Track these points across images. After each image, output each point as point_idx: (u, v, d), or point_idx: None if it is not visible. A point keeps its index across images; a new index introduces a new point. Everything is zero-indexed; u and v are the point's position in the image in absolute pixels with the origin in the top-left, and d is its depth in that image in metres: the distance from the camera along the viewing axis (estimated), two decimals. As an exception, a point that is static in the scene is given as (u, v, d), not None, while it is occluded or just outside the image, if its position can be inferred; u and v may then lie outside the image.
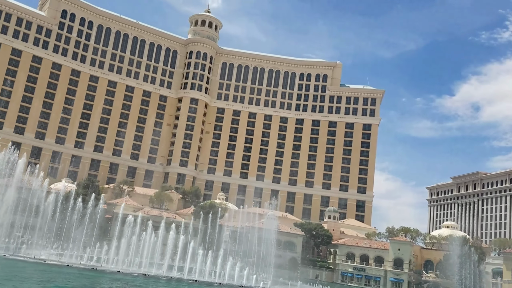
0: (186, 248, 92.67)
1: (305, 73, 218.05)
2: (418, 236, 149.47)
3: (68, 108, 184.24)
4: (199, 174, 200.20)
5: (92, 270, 68.74)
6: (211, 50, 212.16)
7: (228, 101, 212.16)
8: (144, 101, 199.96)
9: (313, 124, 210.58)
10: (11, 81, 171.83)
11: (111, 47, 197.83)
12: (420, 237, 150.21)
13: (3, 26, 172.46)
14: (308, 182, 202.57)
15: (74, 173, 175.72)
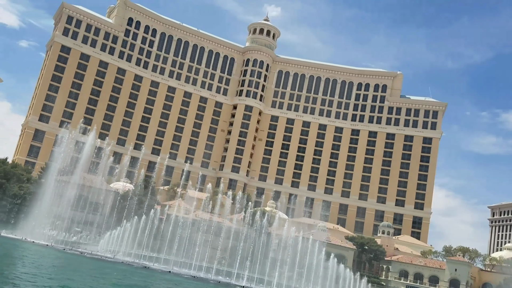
0: (234, 254, 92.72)
1: (363, 83, 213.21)
2: (477, 257, 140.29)
3: (130, 111, 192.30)
4: (250, 181, 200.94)
5: (144, 268, 70.34)
6: (267, 58, 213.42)
7: (282, 109, 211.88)
8: (200, 107, 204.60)
9: (369, 136, 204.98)
10: (78, 84, 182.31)
11: (172, 54, 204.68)
12: (479, 258, 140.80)
13: (73, 32, 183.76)
14: (362, 195, 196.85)
15: (131, 174, 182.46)
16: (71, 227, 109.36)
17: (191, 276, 71.73)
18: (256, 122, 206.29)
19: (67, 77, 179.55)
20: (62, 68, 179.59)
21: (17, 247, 65.05)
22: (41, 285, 38.06)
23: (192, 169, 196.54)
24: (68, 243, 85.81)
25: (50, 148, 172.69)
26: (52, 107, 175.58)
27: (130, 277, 56.24)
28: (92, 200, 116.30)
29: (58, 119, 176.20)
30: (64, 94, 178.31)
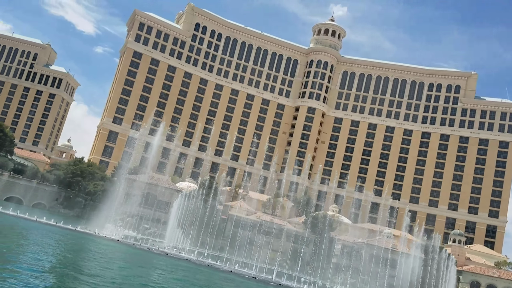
0: (296, 257, 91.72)
1: (434, 83, 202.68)
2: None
3: (195, 113, 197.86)
4: (312, 184, 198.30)
5: (207, 266, 71.57)
6: (332, 59, 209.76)
7: (347, 111, 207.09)
8: (263, 109, 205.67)
9: (441, 139, 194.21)
10: (148, 87, 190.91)
11: (236, 57, 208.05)
12: None
13: (145, 38, 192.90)
14: (432, 201, 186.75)
15: (195, 174, 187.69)
16: (140, 223, 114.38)
17: (252, 277, 71.92)
18: (319, 124, 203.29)
19: (138, 81, 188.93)
20: (134, 72, 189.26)
21: (90, 242, 68.99)
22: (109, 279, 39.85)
23: (253, 170, 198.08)
24: (137, 239, 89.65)
25: (122, 148, 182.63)
26: (125, 110, 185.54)
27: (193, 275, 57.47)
28: (160, 198, 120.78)
29: (130, 121, 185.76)
30: (136, 98, 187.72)
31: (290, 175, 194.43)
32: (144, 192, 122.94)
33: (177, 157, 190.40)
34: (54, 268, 41.12)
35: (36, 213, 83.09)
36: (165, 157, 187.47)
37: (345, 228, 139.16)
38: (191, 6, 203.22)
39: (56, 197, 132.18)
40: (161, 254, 74.39)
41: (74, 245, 61.99)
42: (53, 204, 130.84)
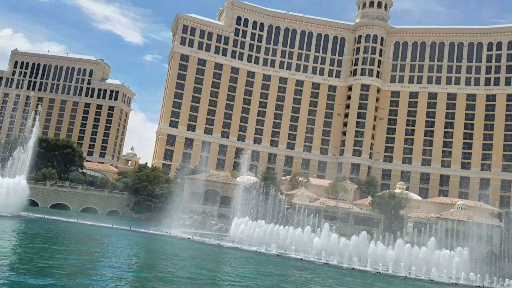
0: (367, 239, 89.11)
1: (494, 42, 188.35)
2: None
3: (246, 107, 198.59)
4: (375, 163, 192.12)
5: (276, 256, 71.54)
6: (381, 31, 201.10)
7: (403, 83, 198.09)
8: (314, 93, 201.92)
9: (508, 99, 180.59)
10: (198, 88, 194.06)
11: (280, 45, 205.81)
12: None
13: (189, 40, 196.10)
14: (506, 166, 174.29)
15: (253, 167, 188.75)
16: (206, 220, 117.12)
17: (324, 263, 70.88)
18: (375, 100, 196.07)
19: (188, 83, 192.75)
20: (183, 75, 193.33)
21: (163, 242, 71.34)
22: (186, 275, 40.72)
23: (311, 157, 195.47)
24: (205, 235, 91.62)
25: (181, 150, 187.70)
26: (179, 113, 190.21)
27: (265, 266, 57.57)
28: (222, 194, 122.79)
29: (185, 123, 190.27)
30: (188, 99, 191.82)
31: (350, 157, 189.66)
32: (206, 189, 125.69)
33: (234, 152, 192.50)
34: (142, 268, 42.78)
35: (111, 220, 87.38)
36: (223, 153, 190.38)
37: (415, 205, 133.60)
38: (231, 1, 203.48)
39: (127, 203, 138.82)
40: (230, 248, 75.37)
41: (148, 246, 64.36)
42: (125, 210, 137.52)
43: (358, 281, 55.78)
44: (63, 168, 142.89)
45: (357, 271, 64.71)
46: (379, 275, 64.17)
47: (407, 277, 64.52)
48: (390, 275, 65.00)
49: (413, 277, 65.73)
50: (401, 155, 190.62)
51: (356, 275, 60.84)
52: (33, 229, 63.54)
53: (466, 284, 67.04)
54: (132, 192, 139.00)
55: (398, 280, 62.05)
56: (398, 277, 64.30)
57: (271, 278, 47.20)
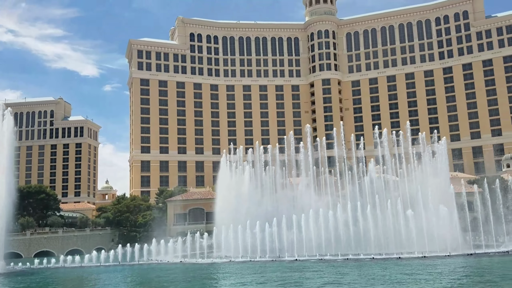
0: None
1: (441, 17, 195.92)
2: None
3: (215, 120, 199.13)
4: (348, 153, 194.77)
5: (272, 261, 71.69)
6: (331, 25, 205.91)
7: (361, 72, 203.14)
8: (279, 95, 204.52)
9: (464, 69, 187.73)
10: (164, 109, 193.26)
11: (237, 54, 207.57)
12: None
13: (146, 63, 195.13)
14: (474, 133, 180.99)
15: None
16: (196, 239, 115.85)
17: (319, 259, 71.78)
18: (338, 92, 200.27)
19: (153, 107, 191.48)
20: (147, 99, 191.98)
21: (157, 270, 70.04)
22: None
23: (287, 157, 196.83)
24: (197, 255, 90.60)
25: (158, 174, 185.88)
26: (149, 137, 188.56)
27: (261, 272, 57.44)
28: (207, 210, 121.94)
29: (157, 147, 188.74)
30: (155, 123, 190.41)
31: (325, 151, 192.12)
32: (190, 209, 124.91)
33: (211, 167, 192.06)
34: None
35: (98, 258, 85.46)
36: (200, 170, 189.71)
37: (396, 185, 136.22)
38: (181, 19, 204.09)
39: (111, 238, 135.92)
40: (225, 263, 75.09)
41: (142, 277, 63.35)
42: (111, 245, 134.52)
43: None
44: (40, 214, 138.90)
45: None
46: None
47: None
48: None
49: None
50: (372, 140, 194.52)
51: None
52: (21, 283, 61.63)
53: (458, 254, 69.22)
54: (115, 226, 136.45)
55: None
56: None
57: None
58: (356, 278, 48.08)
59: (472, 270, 52.56)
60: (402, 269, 54.56)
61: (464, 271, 51.70)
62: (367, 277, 48.72)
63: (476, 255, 67.44)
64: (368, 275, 50.01)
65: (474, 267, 55.54)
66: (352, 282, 45.17)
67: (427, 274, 48.58)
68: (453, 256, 67.09)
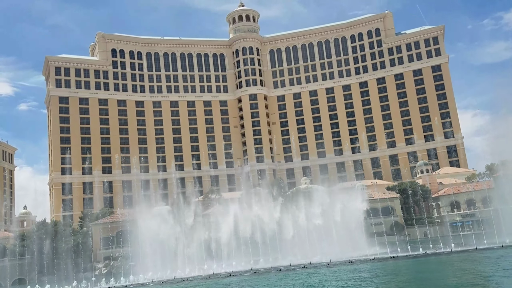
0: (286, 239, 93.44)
1: (355, 34, 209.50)
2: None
3: (142, 138, 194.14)
4: (278, 166, 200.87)
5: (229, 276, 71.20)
6: (255, 42, 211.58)
7: (285, 87, 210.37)
8: (207, 111, 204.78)
9: (378, 83, 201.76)
10: (86, 128, 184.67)
11: (163, 70, 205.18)
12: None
13: (65, 80, 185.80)
14: (390, 142, 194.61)
15: (165, 195, 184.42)
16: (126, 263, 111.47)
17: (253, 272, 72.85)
18: (265, 107, 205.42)
19: (74, 126, 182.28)
20: (66, 118, 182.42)
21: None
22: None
23: (218, 172, 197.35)
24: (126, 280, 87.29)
25: (81, 196, 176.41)
26: (70, 158, 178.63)
27: None
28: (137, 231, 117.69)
29: (79, 167, 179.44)
30: (77, 142, 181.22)
31: (254, 164, 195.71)
32: (118, 231, 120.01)
33: (140, 186, 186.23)
34: None
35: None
36: (128, 190, 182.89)
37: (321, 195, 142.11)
38: (101, 35, 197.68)
39: (33, 267, 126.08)
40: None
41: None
42: (32, 275, 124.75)
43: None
44: None
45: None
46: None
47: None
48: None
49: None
50: (299, 153, 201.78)
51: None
52: None
53: (381, 257, 73.90)
54: (37, 254, 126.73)
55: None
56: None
57: None
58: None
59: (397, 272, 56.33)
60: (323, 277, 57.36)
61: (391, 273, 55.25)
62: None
63: (397, 258, 72.26)
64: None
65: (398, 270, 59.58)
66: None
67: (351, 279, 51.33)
68: (377, 260, 71.41)
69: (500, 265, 42.32)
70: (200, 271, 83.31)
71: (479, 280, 35.53)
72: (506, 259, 48.02)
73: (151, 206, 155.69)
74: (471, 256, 59.19)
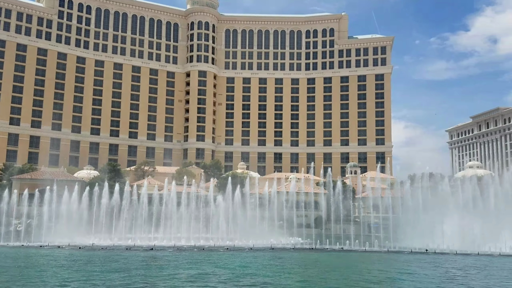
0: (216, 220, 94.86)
1: (311, 30, 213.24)
2: (442, 180, 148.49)
3: (79, 96, 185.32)
4: (218, 147, 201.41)
5: (125, 250, 70.77)
6: (212, 18, 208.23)
7: (236, 70, 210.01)
8: (152, 79, 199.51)
9: (325, 82, 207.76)
10: (20, 76, 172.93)
11: (111, 29, 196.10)
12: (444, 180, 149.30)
13: (5, 22, 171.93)
14: (326, 141, 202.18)
15: (94, 160, 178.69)
16: (42, 224, 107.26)
17: (175, 248, 73.48)
18: (213, 86, 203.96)
19: (7, 72, 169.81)
20: (0, 63, 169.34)
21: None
22: None
23: (156, 145, 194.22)
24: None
25: (5, 147, 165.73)
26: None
27: (110, 263, 56.60)
28: (60, 193, 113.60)
29: (7, 117, 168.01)
30: (8, 89, 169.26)
31: (194, 142, 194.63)
32: (40, 189, 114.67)
33: (69, 146, 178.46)
34: None
35: None
36: (55, 148, 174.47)
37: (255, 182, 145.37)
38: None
39: None
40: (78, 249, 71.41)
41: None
42: None
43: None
44: None
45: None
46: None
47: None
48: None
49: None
50: (240, 138, 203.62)
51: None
52: None
53: (302, 247, 77.74)
54: None
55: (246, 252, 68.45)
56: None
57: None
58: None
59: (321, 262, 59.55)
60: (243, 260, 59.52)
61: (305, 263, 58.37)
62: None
63: (318, 250, 76.30)
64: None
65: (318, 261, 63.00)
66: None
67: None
68: (296, 250, 74.97)
69: (405, 269, 46.64)
70: (122, 241, 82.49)
71: (382, 279, 39.12)
72: (413, 263, 52.87)
73: (78, 169, 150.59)
74: (382, 257, 64.19)
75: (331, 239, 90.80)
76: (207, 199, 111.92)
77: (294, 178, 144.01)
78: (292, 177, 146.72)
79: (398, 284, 37.15)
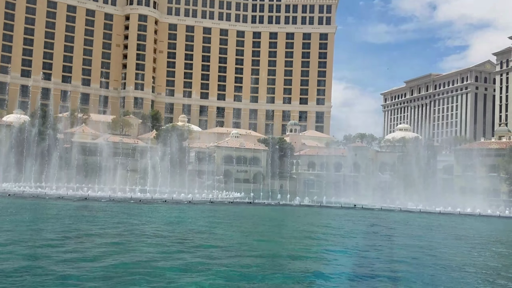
0: (154, 172, 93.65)
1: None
2: (373, 141, 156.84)
3: (8, 34, 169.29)
4: (157, 97, 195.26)
5: (58, 199, 68.35)
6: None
7: (180, 16, 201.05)
8: (89, 21, 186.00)
9: (270, 37, 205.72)
10: None
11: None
12: (376, 141, 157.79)
13: None
14: (269, 98, 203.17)
15: (24, 104, 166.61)
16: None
17: (110, 199, 71.91)
18: (154, 32, 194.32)
19: None
20: None
21: None
22: None
23: (91, 91, 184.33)
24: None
25: None
26: None
27: (44, 210, 54.56)
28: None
29: None
30: None
31: (132, 90, 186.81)
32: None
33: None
34: None
35: None
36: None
37: (196, 136, 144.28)
38: None
39: None
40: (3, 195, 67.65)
41: None
42: None
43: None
44: None
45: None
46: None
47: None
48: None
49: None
50: (182, 89, 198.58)
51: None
52: None
53: (240, 201, 79.37)
54: None
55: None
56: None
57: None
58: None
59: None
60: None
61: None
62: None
63: (255, 204, 78.30)
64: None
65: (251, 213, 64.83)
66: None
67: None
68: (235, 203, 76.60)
69: (337, 222, 49.69)
70: (53, 191, 79.28)
71: (315, 230, 41.29)
72: (343, 218, 56.26)
73: (7, 112, 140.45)
74: (316, 211, 67.86)
75: (269, 194, 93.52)
76: (145, 150, 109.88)
77: (236, 133, 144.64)
78: (234, 132, 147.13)
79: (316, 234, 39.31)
